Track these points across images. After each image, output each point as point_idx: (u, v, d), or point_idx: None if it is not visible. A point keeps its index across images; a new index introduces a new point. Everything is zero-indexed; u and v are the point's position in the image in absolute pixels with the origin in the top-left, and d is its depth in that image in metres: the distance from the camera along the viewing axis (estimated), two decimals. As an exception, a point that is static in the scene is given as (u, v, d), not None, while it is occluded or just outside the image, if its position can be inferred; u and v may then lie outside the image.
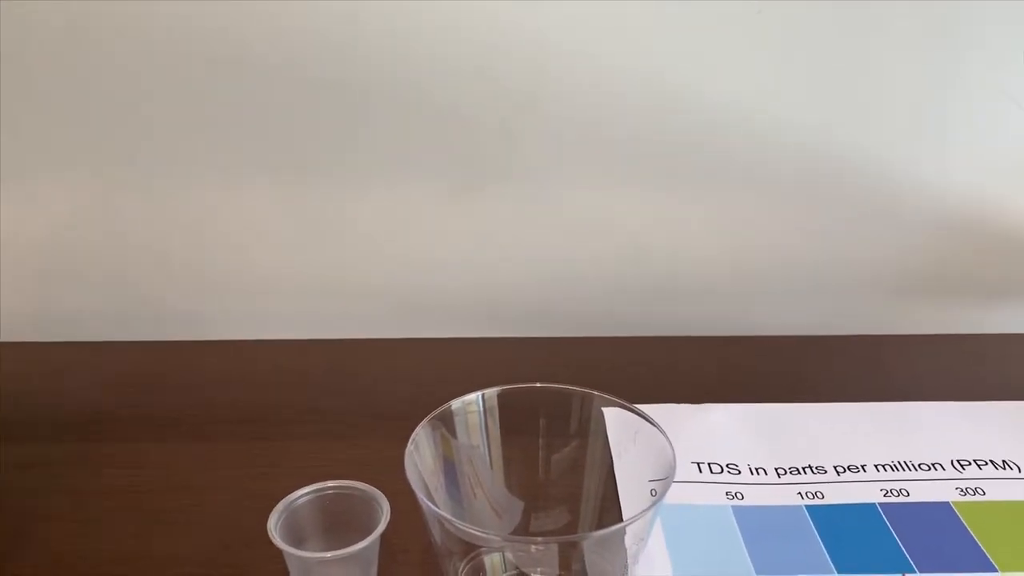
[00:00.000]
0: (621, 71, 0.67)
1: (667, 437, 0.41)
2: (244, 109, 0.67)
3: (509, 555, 0.42)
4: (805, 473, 0.52)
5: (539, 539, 0.42)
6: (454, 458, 0.44)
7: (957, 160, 0.71)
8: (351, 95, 0.67)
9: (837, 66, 0.68)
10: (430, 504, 0.37)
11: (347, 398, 0.61)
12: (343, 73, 0.66)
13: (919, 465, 0.53)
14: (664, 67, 0.67)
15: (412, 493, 0.39)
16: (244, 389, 0.62)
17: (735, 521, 0.48)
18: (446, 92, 0.67)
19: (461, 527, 0.37)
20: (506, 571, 0.42)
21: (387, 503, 0.44)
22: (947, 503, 0.50)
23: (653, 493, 0.42)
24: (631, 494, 0.45)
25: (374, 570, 0.44)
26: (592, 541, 0.40)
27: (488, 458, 0.45)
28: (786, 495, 0.50)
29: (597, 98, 0.68)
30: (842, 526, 0.48)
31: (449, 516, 0.37)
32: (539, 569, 0.42)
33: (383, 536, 0.43)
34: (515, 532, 0.44)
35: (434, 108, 0.68)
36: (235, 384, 0.63)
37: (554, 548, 0.39)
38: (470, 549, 0.41)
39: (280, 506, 0.44)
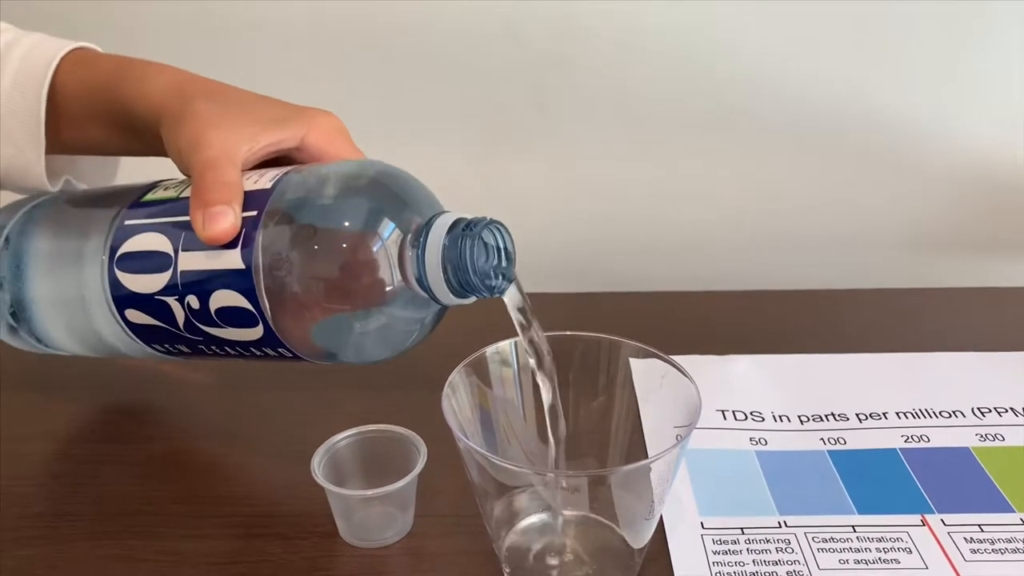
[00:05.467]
0: (650, 33, 0.68)
1: (692, 380, 0.42)
2: (265, 70, 0.69)
3: (542, 496, 0.44)
4: (827, 420, 0.54)
5: (569, 473, 0.44)
6: (488, 406, 0.46)
7: (983, 116, 0.71)
8: (383, 56, 0.68)
9: (865, 23, 0.68)
10: (467, 441, 0.39)
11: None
12: (375, 36, 0.68)
13: (940, 412, 0.54)
14: (692, 28, 0.68)
15: (447, 439, 0.40)
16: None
17: (759, 465, 0.50)
18: (477, 54, 0.68)
19: (497, 462, 0.39)
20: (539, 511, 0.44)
21: (424, 445, 0.46)
22: (967, 448, 0.51)
23: (679, 438, 0.43)
24: (657, 439, 0.46)
25: (411, 509, 0.46)
26: (619, 477, 0.42)
27: (521, 405, 0.47)
28: (809, 441, 0.52)
29: (627, 59, 0.69)
30: (863, 470, 0.49)
31: (485, 451, 0.38)
32: (570, 508, 0.44)
33: (420, 477, 0.45)
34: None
35: (465, 70, 0.69)
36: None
37: (584, 485, 0.41)
38: (505, 490, 0.42)
39: (323, 448, 0.46)
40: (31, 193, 0.50)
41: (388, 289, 0.39)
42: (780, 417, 0.54)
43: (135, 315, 0.44)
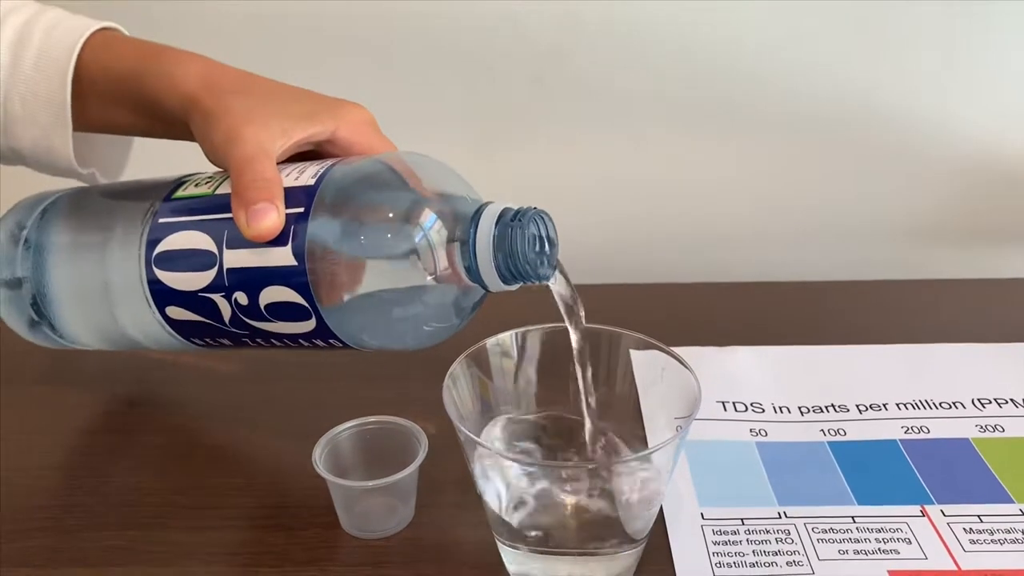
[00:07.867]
0: (651, 26, 0.68)
1: (692, 371, 0.42)
2: (265, 64, 0.69)
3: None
4: (828, 412, 0.54)
5: (569, 464, 0.45)
6: (489, 397, 0.46)
7: (984, 109, 0.71)
8: (384, 46, 0.68)
9: (866, 16, 0.68)
10: (468, 432, 0.39)
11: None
12: (375, 24, 0.68)
13: (940, 404, 0.54)
14: (693, 22, 0.68)
15: (448, 431, 0.41)
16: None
17: (759, 456, 0.50)
18: (478, 45, 0.68)
19: (497, 453, 0.39)
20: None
21: (425, 437, 0.46)
22: (967, 439, 0.51)
23: (679, 429, 0.43)
24: (657, 430, 0.46)
25: (412, 501, 0.46)
26: (619, 468, 0.42)
27: (521, 396, 0.47)
28: (809, 432, 0.52)
29: (627, 52, 0.69)
30: (863, 461, 0.50)
31: (484, 442, 0.39)
32: (570, 498, 0.44)
33: (421, 468, 0.45)
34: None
35: (465, 61, 0.69)
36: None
37: (584, 475, 0.41)
38: (506, 480, 0.42)
39: (324, 439, 0.46)
40: (60, 173, 0.50)
41: (434, 275, 0.40)
42: (780, 408, 0.54)
43: (176, 312, 0.44)
